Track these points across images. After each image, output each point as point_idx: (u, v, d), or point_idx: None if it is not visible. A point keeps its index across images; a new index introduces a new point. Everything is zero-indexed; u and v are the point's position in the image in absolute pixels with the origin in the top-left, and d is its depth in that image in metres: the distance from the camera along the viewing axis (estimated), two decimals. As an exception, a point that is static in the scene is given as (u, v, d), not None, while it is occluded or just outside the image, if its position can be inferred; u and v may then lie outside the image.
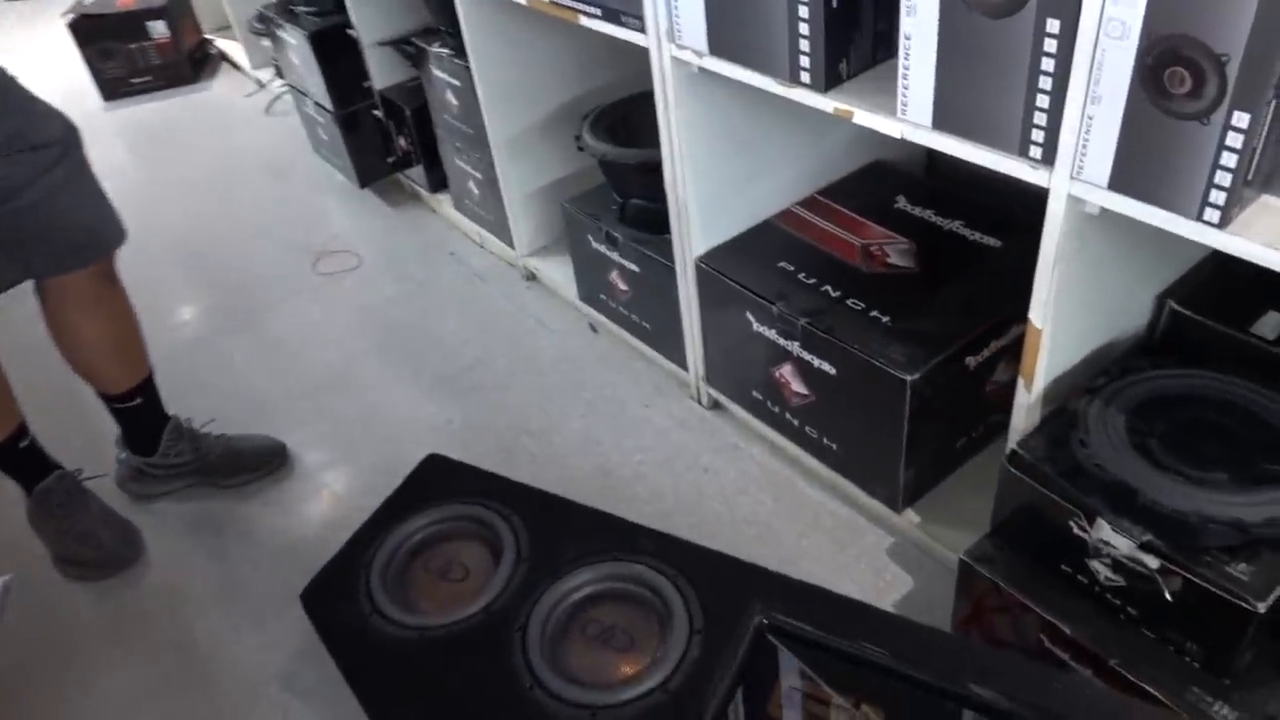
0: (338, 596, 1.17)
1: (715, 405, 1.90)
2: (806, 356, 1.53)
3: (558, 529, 1.19)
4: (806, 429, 1.64)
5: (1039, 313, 1.13)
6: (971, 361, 1.46)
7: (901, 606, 1.49)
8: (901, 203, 1.76)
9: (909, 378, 1.37)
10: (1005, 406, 1.61)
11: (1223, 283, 1.30)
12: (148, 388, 1.80)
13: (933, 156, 1.98)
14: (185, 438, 1.88)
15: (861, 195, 1.80)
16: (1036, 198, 1.76)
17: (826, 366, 1.51)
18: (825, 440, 1.61)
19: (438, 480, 1.31)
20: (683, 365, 1.90)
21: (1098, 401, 1.15)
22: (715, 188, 1.65)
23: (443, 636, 1.09)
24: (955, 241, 1.65)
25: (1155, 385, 1.17)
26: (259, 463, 1.93)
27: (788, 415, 1.66)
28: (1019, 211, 1.71)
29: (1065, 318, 1.14)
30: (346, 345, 2.29)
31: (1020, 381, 1.21)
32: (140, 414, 1.82)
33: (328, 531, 1.78)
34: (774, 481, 1.73)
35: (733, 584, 1.10)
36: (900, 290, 1.55)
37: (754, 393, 1.72)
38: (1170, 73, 0.88)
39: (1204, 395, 1.16)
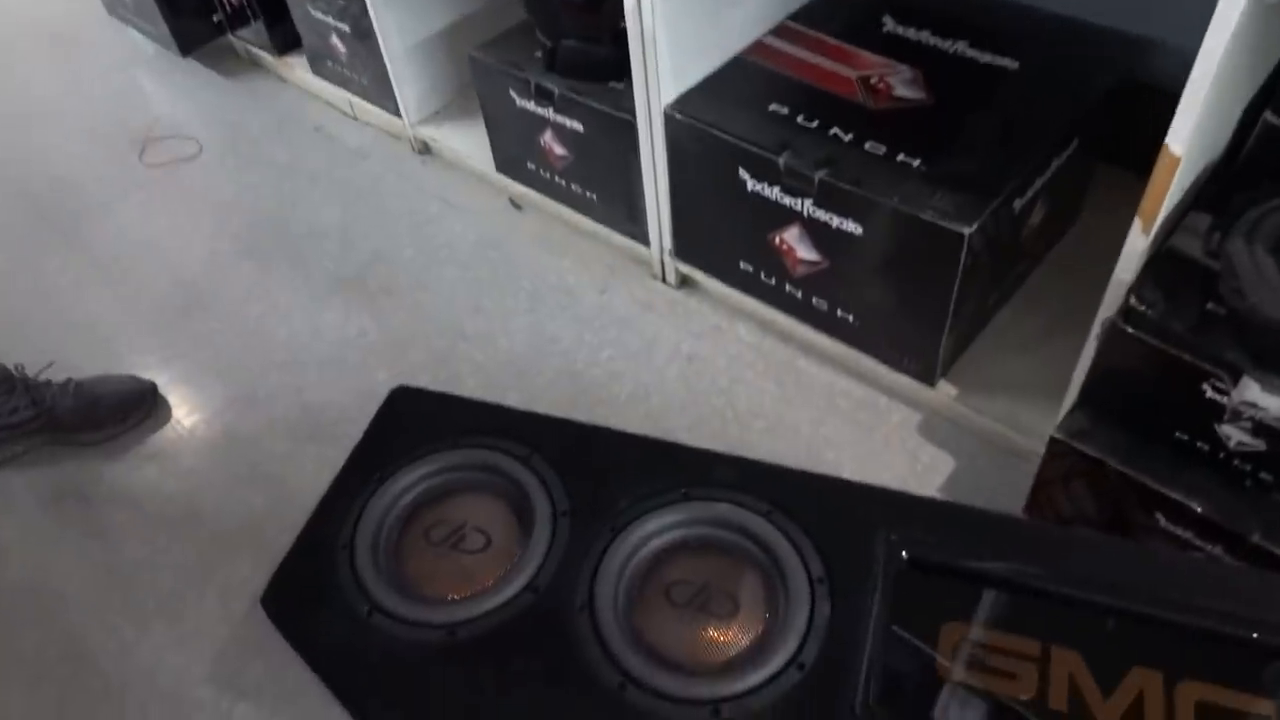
0: (316, 595, 0.86)
1: (684, 283, 1.63)
2: (822, 216, 1.28)
3: (599, 467, 0.92)
4: (814, 301, 1.40)
5: (1183, 135, 0.91)
6: (1018, 205, 1.25)
7: (947, 491, 1.32)
8: (889, 25, 1.50)
9: (966, 230, 1.15)
10: (1033, 254, 1.44)
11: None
12: (-46, 333, 1.36)
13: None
14: (20, 389, 1.47)
15: (840, 19, 1.52)
16: (1038, 12, 1.55)
17: (849, 226, 1.26)
18: (839, 312, 1.38)
19: (414, 420, 1.00)
20: (642, 240, 1.61)
21: (1237, 240, 0.96)
22: (686, 17, 1.33)
23: (482, 633, 0.81)
24: (965, 66, 1.41)
25: (1293, 214, 0.98)
26: (125, 410, 1.54)
27: (788, 287, 1.42)
28: (1027, 27, 1.49)
29: (1198, 141, 0.93)
30: (205, 250, 1.86)
31: (1136, 224, 1.00)
32: (-49, 369, 1.38)
33: (238, 487, 1.44)
34: (772, 364, 1.50)
35: (843, 512, 0.87)
36: (919, 128, 1.31)
37: (742, 264, 1.46)
38: None
39: (1340, 221, 0.99)
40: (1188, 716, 0.72)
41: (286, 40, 2.14)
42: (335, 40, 1.95)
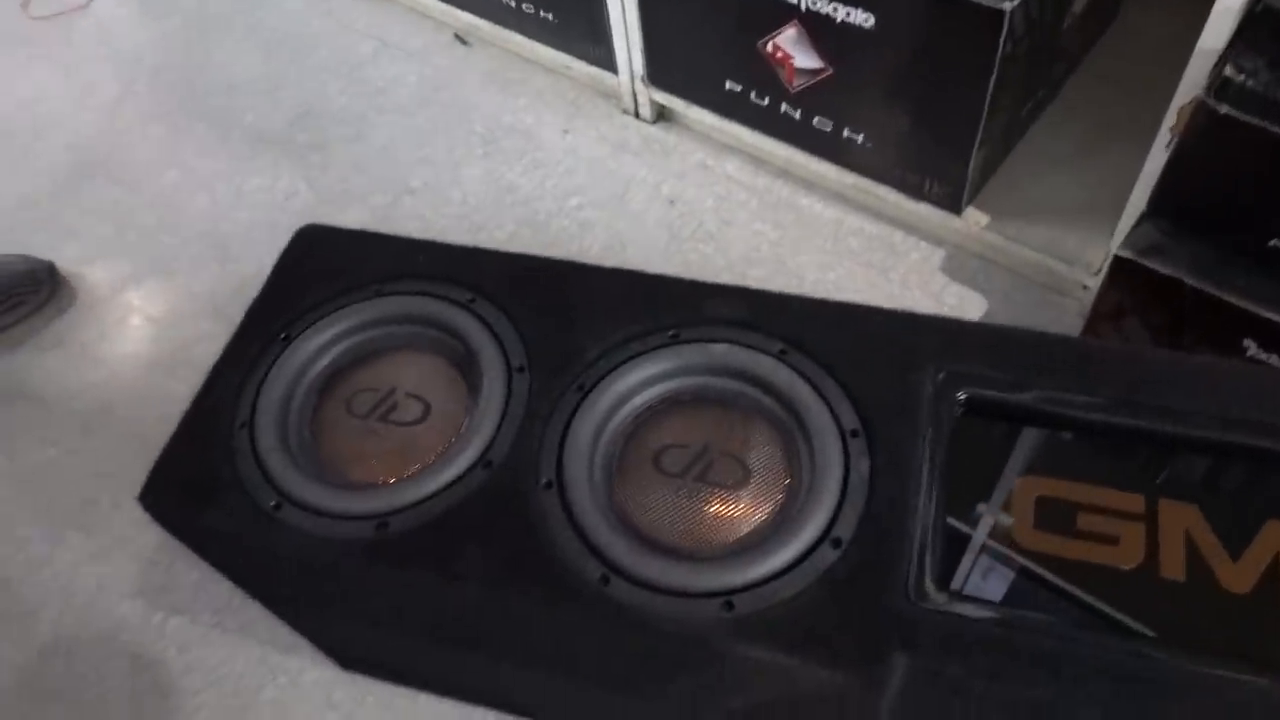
0: (209, 487, 0.67)
1: (661, 115, 1.40)
2: (824, 8, 1.05)
3: (562, 309, 0.72)
4: (815, 121, 1.19)
5: None
6: (1063, -20, 1.03)
7: (977, 336, 1.13)
8: None
9: (1007, 5, 0.92)
10: (1071, 55, 1.22)
11: None
12: None
13: None
14: (-113, 276, 1.24)
15: None
16: None
17: (858, 16, 1.03)
18: (846, 132, 1.17)
19: (328, 265, 0.79)
20: (609, 66, 1.38)
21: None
22: None
23: (422, 523, 0.63)
24: None
25: None
26: (18, 293, 1.33)
27: (785, 107, 1.20)
28: None
29: None
30: (105, 111, 1.60)
31: (1237, -35, 0.78)
32: None
33: (156, 375, 1.25)
34: (768, 204, 1.29)
35: (878, 346, 0.68)
36: (941, -108, 1.06)
37: (728, 84, 1.24)
38: None
39: None
40: (1341, 578, 0.56)
41: None
42: None
